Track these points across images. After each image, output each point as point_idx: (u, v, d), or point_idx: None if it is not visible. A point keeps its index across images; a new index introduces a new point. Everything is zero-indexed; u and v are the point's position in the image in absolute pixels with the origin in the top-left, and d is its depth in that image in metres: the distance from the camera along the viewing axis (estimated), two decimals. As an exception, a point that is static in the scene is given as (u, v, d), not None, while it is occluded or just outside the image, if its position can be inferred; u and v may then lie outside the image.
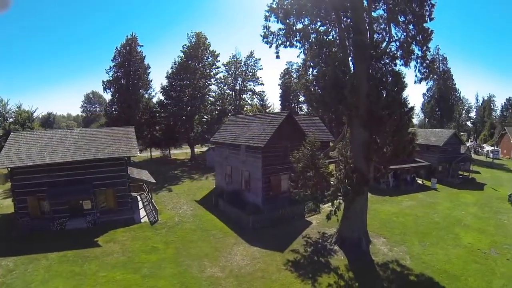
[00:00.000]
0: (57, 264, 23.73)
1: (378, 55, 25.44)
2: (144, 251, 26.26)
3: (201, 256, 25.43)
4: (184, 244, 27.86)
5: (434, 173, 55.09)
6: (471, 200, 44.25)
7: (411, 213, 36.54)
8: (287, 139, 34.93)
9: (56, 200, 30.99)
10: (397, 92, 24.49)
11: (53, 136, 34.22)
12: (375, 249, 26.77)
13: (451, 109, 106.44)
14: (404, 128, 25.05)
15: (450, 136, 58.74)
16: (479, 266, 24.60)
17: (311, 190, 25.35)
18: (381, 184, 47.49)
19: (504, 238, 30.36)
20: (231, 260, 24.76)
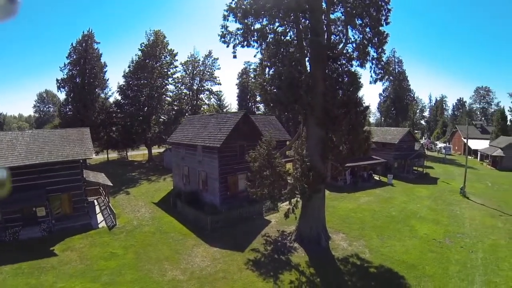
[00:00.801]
0: (11, 277, 22.33)
1: (335, 56, 26.14)
2: (103, 257, 25.33)
3: (161, 259, 24.93)
4: (143, 248, 27.22)
5: (390, 169, 57.04)
6: (425, 193, 46.57)
7: (368, 208, 37.66)
8: (244, 138, 35.15)
9: (8, 208, 28.89)
10: (353, 92, 25.33)
11: (2, 139, 31.88)
12: (334, 245, 27.39)
13: (406, 108, 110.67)
14: (360, 127, 25.86)
15: (405, 134, 61.45)
16: (435, 254, 26.09)
17: (268, 189, 25.41)
18: (338, 182, 48.47)
19: (457, 228, 32.49)
20: (191, 262, 24.48)
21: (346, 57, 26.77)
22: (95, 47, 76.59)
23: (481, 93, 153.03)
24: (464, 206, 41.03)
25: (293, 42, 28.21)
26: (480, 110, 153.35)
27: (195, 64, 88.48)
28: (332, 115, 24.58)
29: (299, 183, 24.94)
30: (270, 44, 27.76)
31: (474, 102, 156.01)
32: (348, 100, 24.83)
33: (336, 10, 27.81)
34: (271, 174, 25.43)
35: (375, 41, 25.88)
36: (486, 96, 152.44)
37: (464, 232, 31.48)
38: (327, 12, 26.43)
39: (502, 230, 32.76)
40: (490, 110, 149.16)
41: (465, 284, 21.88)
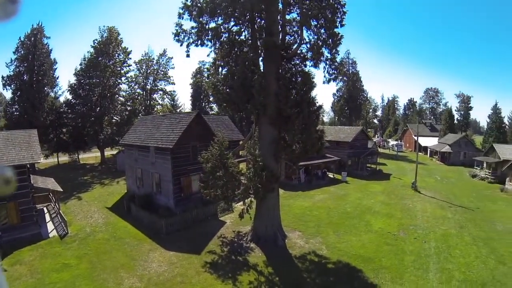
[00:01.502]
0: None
1: (289, 56, 26.33)
2: (55, 269, 23.80)
3: (117, 267, 23.89)
4: (98, 256, 25.91)
5: (344, 167, 58.37)
6: (379, 189, 48.18)
7: (324, 205, 38.20)
8: (196, 139, 34.69)
9: None
10: (306, 91, 25.52)
11: None
12: (291, 243, 27.55)
13: (359, 108, 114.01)
14: (313, 126, 26.08)
15: (358, 132, 63.37)
16: (391, 247, 27.24)
17: (221, 189, 25.08)
18: (293, 180, 48.82)
19: (410, 220, 34.14)
20: (148, 268, 23.72)
21: (300, 57, 27.06)
22: (45, 42, 72.01)
23: (430, 93, 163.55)
24: (416, 199, 43.10)
25: (247, 41, 28.07)
26: (430, 109, 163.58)
27: (149, 63, 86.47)
28: (285, 114, 24.70)
29: (253, 183, 24.81)
30: (224, 43, 27.47)
31: (424, 102, 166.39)
32: (301, 99, 24.97)
33: (292, 11, 27.95)
34: (224, 175, 25.12)
35: (329, 42, 26.28)
36: (435, 97, 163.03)
37: (417, 224, 33.17)
38: (283, 12, 26.49)
39: (452, 220, 35.12)
40: (438, 109, 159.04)
41: (421, 273, 23.12)
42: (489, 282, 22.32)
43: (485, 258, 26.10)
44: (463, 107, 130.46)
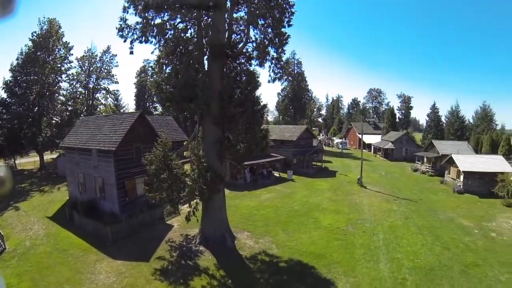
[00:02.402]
0: None
1: (234, 55, 25.98)
2: None
3: (61, 282, 21.99)
4: (40, 272, 23.57)
5: (290, 166, 58.89)
6: (325, 186, 48.88)
7: (271, 204, 38.06)
8: (140, 140, 33.18)
9: None
10: (250, 90, 25.36)
11: None
12: (240, 244, 27.15)
13: (304, 107, 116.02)
14: (257, 125, 26.06)
15: (303, 131, 64.17)
16: (341, 242, 27.85)
17: (166, 192, 24.11)
18: (238, 180, 48.18)
19: (357, 215, 35.10)
20: (96, 281, 22.13)
21: (245, 56, 26.77)
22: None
23: (374, 94, 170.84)
24: (362, 194, 44.48)
25: (193, 39, 27.20)
26: (373, 108, 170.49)
27: (91, 60, 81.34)
28: (229, 114, 24.34)
29: (197, 184, 24.10)
30: (169, 40, 26.35)
31: (367, 102, 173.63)
32: (246, 99, 24.78)
33: (240, 9, 27.59)
34: (168, 177, 24.17)
35: (276, 41, 26.23)
36: (378, 97, 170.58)
37: (365, 218, 34.27)
38: (231, 11, 26.10)
39: (398, 213, 36.82)
40: (381, 109, 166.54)
41: (372, 264, 24.01)
42: (436, 267, 24.19)
43: (430, 246, 28.01)
44: (404, 106, 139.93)
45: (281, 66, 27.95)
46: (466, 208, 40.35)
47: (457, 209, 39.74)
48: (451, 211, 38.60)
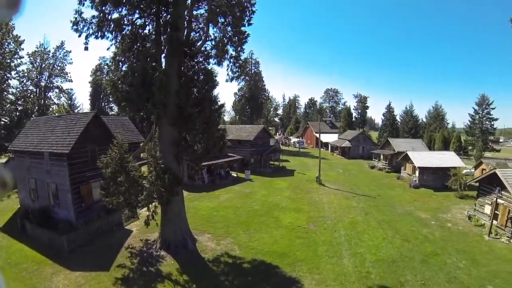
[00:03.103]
0: None
1: (192, 53, 25.39)
2: None
3: None
4: None
5: (247, 165, 58.45)
6: (284, 185, 48.85)
7: (230, 205, 37.51)
8: (95, 142, 31.44)
9: None
10: (208, 89, 24.94)
11: None
12: (202, 246, 26.48)
13: (261, 106, 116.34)
14: (214, 125, 25.63)
15: (260, 130, 63.99)
16: (303, 240, 27.92)
17: (124, 196, 23.02)
18: (196, 181, 47.06)
19: (317, 213, 35.38)
20: (53, 296, 20.57)
21: (204, 54, 26.24)
22: None
23: (330, 93, 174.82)
24: (321, 192, 44.86)
25: (151, 36, 26.14)
26: (329, 108, 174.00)
27: (44, 56, 76.46)
28: (186, 114, 23.61)
29: (156, 187, 23.23)
30: (126, 36, 25.04)
31: (324, 102, 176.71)
32: (203, 98, 24.30)
33: (200, 6, 26.99)
34: (125, 180, 23.07)
35: (235, 40, 25.96)
36: (334, 97, 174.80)
37: (325, 216, 34.59)
38: (191, 7, 25.46)
39: (357, 209, 37.67)
40: (338, 108, 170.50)
41: (335, 260, 24.33)
42: (398, 258, 25.19)
43: (391, 239, 29.03)
44: (361, 106, 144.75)
45: (239, 65, 27.59)
46: (423, 201, 42.25)
47: (414, 202, 41.48)
48: (409, 205, 40.23)
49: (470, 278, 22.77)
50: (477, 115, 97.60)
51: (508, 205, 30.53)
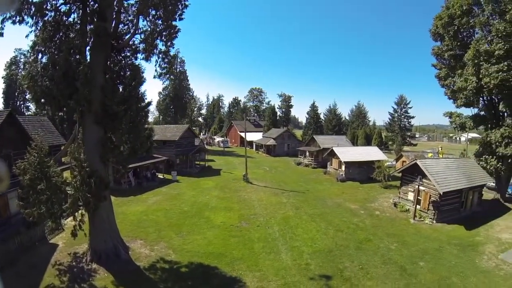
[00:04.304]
0: None
1: (120, 47, 23.51)
2: None
3: None
4: None
5: (173, 166, 57.16)
6: (211, 185, 48.43)
7: (159, 208, 36.08)
8: (10, 145, 27.44)
9: None
10: (135, 86, 23.35)
11: None
12: (136, 254, 24.70)
13: (185, 106, 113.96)
14: (141, 124, 24.37)
15: (185, 130, 62.85)
16: (238, 238, 27.75)
17: (46, 206, 20.29)
18: (122, 185, 44.52)
19: (249, 211, 35.48)
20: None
21: (131, 49, 24.41)
22: None
23: (255, 93, 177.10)
24: (249, 190, 45.07)
25: (76, 25, 23.68)
26: (254, 107, 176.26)
27: None
28: (111, 112, 21.68)
29: (81, 193, 21.10)
30: (48, 24, 22.06)
31: (248, 101, 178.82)
32: (129, 95, 22.61)
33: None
34: (46, 187, 20.45)
35: (165, 34, 24.48)
36: (258, 96, 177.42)
37: (256, 213, 34.76)
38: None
39: (288, 204, 38.37)
40: (262, 107, 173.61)
41: (273, 256, 24.52)
42: (334, 248, 26.58)
43: (325, 230, 30.26)
44: (285, 105, 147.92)
45: (168, 61, 26.27)
46: (350, 193, 44.56)
47: (343, 195, 43.53)
48: (337, 198, 42.06)
49: (402, 258, 25.05)
50: (396, 113, 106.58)
51: (429, 191, 34.33)
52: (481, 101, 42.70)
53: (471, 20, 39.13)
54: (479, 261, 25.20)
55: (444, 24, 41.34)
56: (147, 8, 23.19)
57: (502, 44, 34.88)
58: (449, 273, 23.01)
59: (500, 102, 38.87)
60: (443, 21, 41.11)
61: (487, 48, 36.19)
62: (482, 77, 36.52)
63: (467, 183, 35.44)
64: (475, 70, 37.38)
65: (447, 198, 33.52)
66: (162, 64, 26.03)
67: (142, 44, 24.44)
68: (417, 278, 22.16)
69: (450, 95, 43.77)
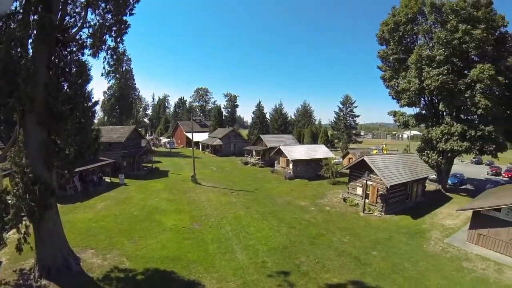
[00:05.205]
0: None
1: (66, 40, 21.69)
2: None
3: None
4: None
5: (120, 169, 55.14)
6: (160, 187, 47.38)
7: (109, 214, 34.39)
8: None
9: None
10: (81, 84, 21.65)
11: None
12: (88, 265, 22.96)
13: (131, 106, 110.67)
14: (88, 125, 22.82)
15: (131, 131, 60.87)
16: (191, 241, 27.32)
17: (-17, 218, 18.94)
18: (68, 191, 41.80)
19: (199, 212, 35.15)
20: None
21: (78, 43, 22.70)
22: None
23: (200, 93, 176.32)
24: (198, 191, 44.61)
25: (18, 15, 21.96)
26: (199, 107, 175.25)
27: None
28: (56, 111, 20.24)
29: (24, 201, 19.49)
30: None
31: (194, 101, 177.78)
32: (75, 94, 21.04)
33: (81, -13, 23.24)
34: None
35: (115, 29, 23.02)
36: (204, 96, 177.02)
37: (207, 214, 34.53)
38: None
39: (238, 203, 38.56)
40: (208, 107, 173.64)
41: (229, 256, 24.53)
42: (288, 244, 27.22)
43: (277, 228, 30.76)
44: (230, 104, 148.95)
45: (117, 58, 24.95)
46: (299, 191, 45.49)
47: (292, 193, 44.27)
48: (287, 195, 42.77)
49: (356, 249, 26.44)
50: (341, 112, 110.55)
51: (376, 185, 36.42)
52: (422, 101, 47.49)
53: (415, 27, 43.81)
54: (427, 246, 27.72)
55: (390, 30, 45.31)
56: (97, 0, 22.06)
57: (443, 50, 39.74)
58: (400, 259, 24.88)
59: (440, 102, 43.50)
60: (389, 27, 45.22)
61: (429, 53, 40.81)
62: (424, 80, 40.69)
63: (412, 176, 38.45)
64: (418, 73, 41.64)
65: (394, 191, 35.99)
66: (111, 61, 24.62)
67: (89, 39, 22.81)
68: (371, 266, 23.55)
69: (394, 95, 48.08)
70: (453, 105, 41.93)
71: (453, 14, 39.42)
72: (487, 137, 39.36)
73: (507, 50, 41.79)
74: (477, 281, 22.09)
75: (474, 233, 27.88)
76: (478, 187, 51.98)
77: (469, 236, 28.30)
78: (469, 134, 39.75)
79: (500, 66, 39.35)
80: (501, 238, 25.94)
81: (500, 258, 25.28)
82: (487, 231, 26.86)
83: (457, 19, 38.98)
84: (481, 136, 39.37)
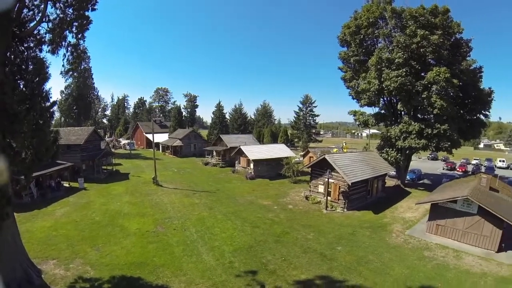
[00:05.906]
0: None
1: (22, 35, 20.45)
2: None
3: None
4: None
5: (79, 173, 52.87)
6: (121, 190, 46.12)
7: (69, 220, 32.67)
8: None
9: None
10: (39, 82, 20.50)
11: None
12: (50, 277, 21.55)
13: (89, 106, 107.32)
14: (46, 126, 21.57)
15: (90, 133, 58.60)
16: (156, 244, 26.77)
17: None
18: (24, 198, 39.17)
19: (163, 214, 34.61)
20: None
21: (36, 39, 21.53)
22: None
23: (161, 93, 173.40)
24: (160, 193, 43.93)
25: None
26: (159, 107, 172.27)
27: None
28: (11, 111, 19.27)
29: None
30: None
31: (154, 101, 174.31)
32: (33, 93, 19.96)
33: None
34: None
35: (76, 25, 21.96)
36: (164, 96, 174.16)
37: (171, 216, 34.06)
38: None
39: (201, 205, 38.42)
40: (167, 107, 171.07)
41: (195, 258, 24.36)
42: (254, 244, 27.42)
43: (241, 228, 30.89)
44: (190, 105, 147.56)
45: (78, 55, 24.00)
46: (261, 190, 45.93)
47: (254, 192, 44.60)
48: (249, 195, 43.06)
49: (321, 245, 27.09)
50: (301, 112, 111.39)
51: (338, 183, 37.46)
52: (382, 101, 49.61)
53: (376, 31, 45.81)
54: (389, 239, 29.04)
55: (352, 33, 46.98)
56: None
57: (402, 53, 41.82)
58: (365, 252, 25.82)
59: (399, 102, 45.58)
60: (351, 30, 46.90)
61: (388, 56, 42.80)
62: (383, 81, 42.43)
63: (372, 173, 40.00)
64: (378, 75, 43.45)
65: (355, 188, 37.28)
66: (71, 58, 23.65)
67: (48, 34, 21.83)
68: (337, 261, 24.21)
69: (355, 96, 50.05)
70: (411, 105, 43.92)
71: (413, 20, 41.72)
72: (443, 135, 41.77)
73: (461, 55, 44.91)
74: (438, 268, 23.46)
75: (433, 224, 29.71)
76: (435, 181, 55.24)
77: (428, 227, 30.12)
78: (426, 132, 41.99)
79: (455, 69, 42.08)
80: (458, 227, 28.00)
81: (458, 245, 27.29)
82: (445, 222, 28.77)
83: (416, 25, 41.22)
84: (437, 134, 41.71)
